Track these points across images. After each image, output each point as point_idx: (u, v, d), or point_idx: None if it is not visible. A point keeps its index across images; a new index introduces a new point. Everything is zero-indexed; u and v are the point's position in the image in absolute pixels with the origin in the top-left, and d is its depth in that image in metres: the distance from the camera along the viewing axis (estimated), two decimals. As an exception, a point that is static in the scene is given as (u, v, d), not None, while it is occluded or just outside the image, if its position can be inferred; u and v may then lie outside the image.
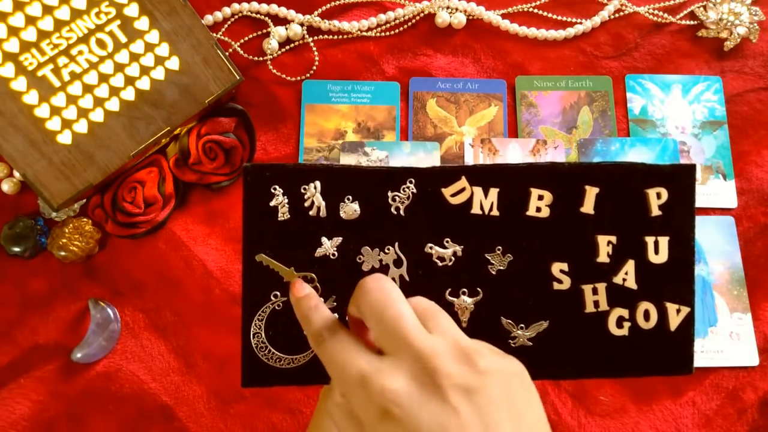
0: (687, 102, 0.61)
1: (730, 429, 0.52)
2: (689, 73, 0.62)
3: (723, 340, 0.53)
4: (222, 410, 0.52)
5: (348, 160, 0.58)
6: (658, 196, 0.36)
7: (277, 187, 0.36)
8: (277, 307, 0.36)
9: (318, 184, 0.36)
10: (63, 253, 0.53)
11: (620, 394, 0.53)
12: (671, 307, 0.37)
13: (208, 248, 0.56)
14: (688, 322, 0.37)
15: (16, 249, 0.54)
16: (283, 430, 0.52)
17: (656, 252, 0.37)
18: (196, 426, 0.52)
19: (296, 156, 0.59)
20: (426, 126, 0.60)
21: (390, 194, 0.36)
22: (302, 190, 0.36)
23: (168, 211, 0.56)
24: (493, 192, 0.36)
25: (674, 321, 0.37)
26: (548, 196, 0.36)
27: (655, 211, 0.36)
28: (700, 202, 0.57)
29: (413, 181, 0.36)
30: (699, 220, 0.56)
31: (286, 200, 0.36)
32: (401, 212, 0.36)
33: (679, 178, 0.36)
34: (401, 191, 0.36)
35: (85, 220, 0.55)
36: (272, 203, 0.36)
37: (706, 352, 0.53)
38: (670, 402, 0.52)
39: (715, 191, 0.58)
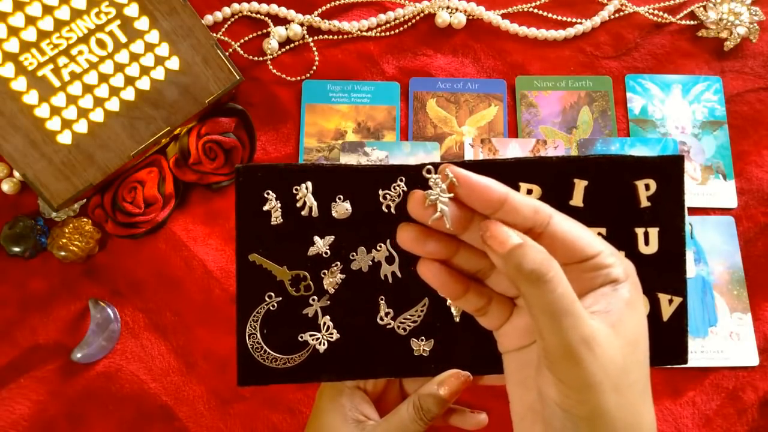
0: (687, 102, 0.61)
1: (730, 429, 0.52)
2: (689, 73, 0.62)
3: (723, 340, 0.53)
4: (222, 410, 0.52)
5: (348, 160, 0.58)
6: (647, 187, 0.36)
7: (270, 191, 0.36)
8: (271, 308, 0.36)
9: (309, 184, 0.36)
10: (63, 253, 0.53)
11: (620, 394, 0.52)
12: (663, 298, 0.37)
13: (208, 248, 0.56)
14: (681, 312, 0.37)
15: (16, 249, 0.54)
16: (283, 430, 0.52)
17: (646, 243, 0.37)
18: (196, 426, 0.52)
19: (296, 156, 0.59)
20: (426, 126, 0.60)
21: (381, 192, 0.36)
22: (294, 191, 0.36)
23: (168, 211, 0.56)
24: None
25: (666, 311, 0.37)
26: (537, 190, 0.36)
27: (644, 203, 0.36)
28: (700, 202, 0.57)
29: (404, 179, 0.35)
30: (699, 220, 0.56)
31: (279, 205, 0.36)
32: (392, 210, 0.36)
33: (668, 169, 0.36)
34: (392, 189, 0.36)
35: (85, 220, 0.55)
36: (265, 207, 0.36)
37: (706, 352, 0.53)
38: (670, 402, 0.52)
39: (715, 191, 0.58)
